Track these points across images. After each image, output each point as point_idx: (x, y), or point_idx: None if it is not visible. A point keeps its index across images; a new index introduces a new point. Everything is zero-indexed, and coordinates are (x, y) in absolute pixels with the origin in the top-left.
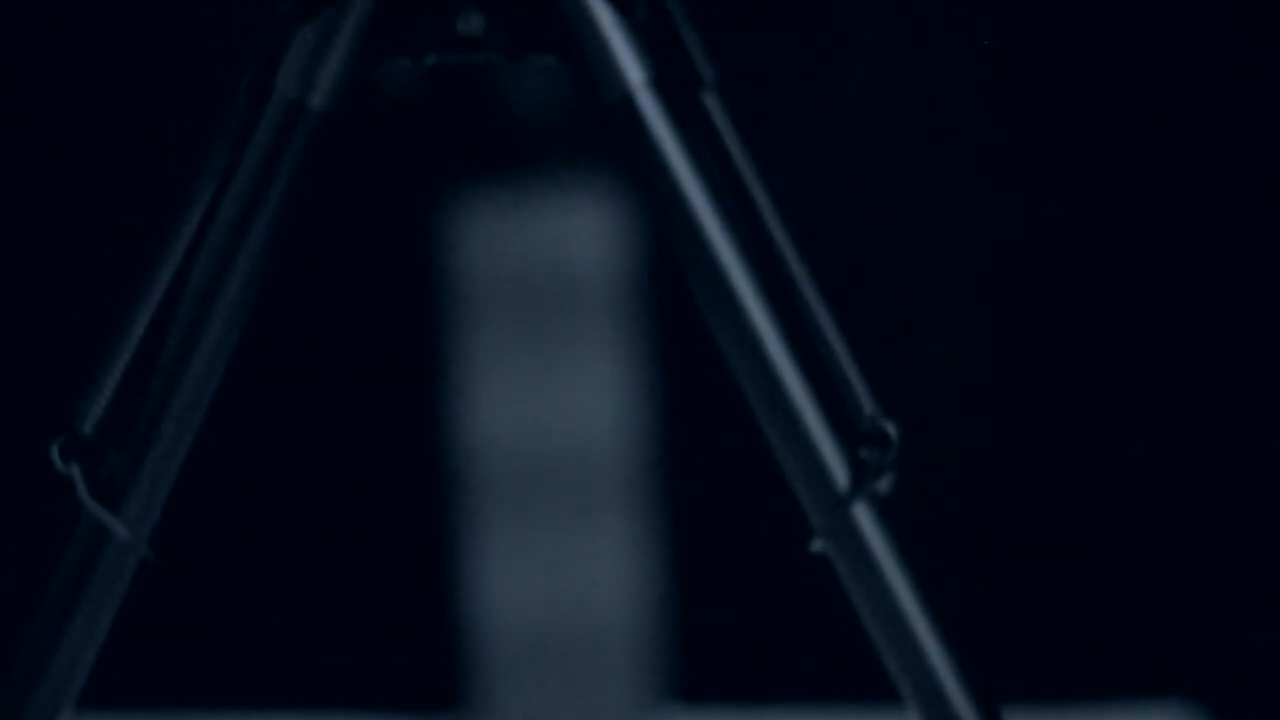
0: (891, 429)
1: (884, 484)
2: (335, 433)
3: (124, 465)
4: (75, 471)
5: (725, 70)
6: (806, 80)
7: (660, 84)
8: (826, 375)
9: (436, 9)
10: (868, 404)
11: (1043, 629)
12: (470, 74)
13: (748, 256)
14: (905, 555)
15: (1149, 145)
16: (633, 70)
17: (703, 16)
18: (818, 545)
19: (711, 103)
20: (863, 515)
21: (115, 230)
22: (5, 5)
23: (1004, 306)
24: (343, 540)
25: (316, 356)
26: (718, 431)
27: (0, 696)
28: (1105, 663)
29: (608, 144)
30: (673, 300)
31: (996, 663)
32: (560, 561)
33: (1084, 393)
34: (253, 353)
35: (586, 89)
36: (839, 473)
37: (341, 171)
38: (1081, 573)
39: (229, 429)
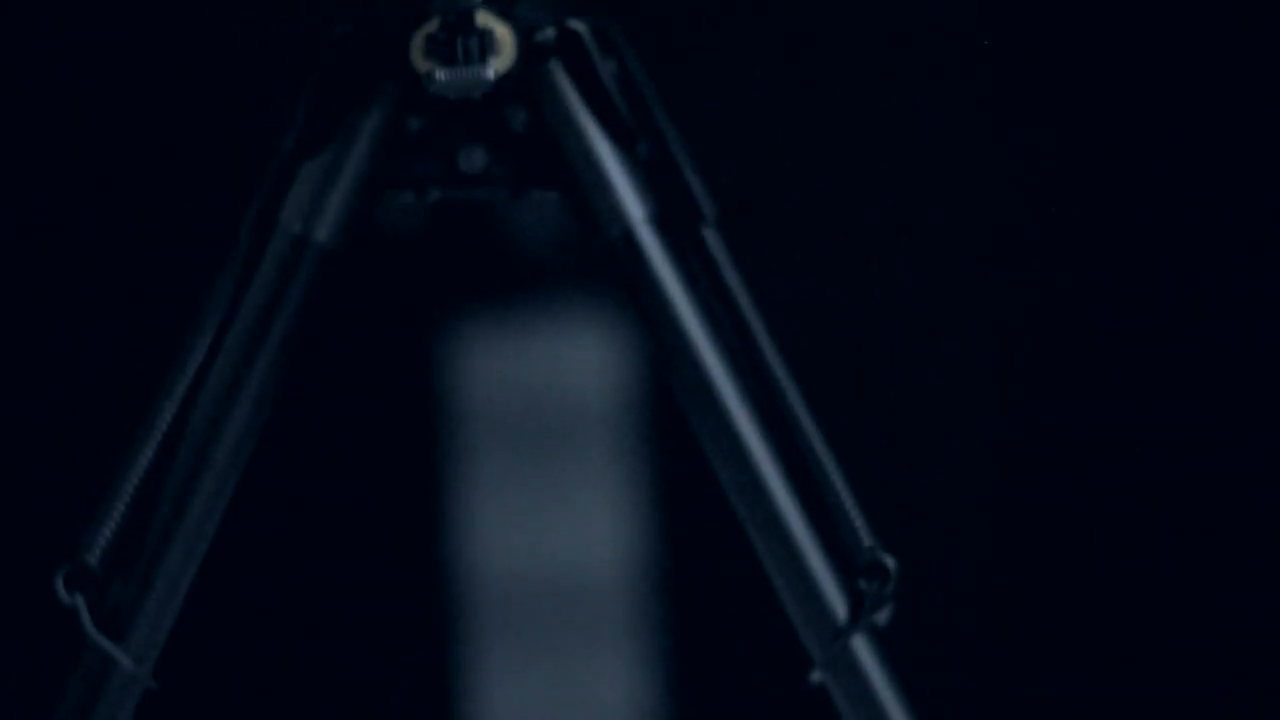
0: (890, 562)
1: (882, 616)
2: (337, 559)
3: (128, 597)
4: (80, 603)
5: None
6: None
7: (660, 220)
8: (825, 507)
9: (439, 145)
10: (866, 536)
11: None
12: (473, 205)
13: (745, 390)
14: (903, 687)
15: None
16: (633, 207)
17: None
18: (817, 677)
19: (711, 237)
20: (861, 647)
21: (122, 361)
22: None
23: (1006, 436)
24: (344, 671)
25: (318, 482)
26: (717, 561)
27: None
28: None
29: (609, 276)
30: (672, 430)
31: None
32: (560, 689)
33: (1085, 533)
34: (256, 479)
35: (588, 223)
36: (838, 605)
37: (343, 299)
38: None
39: (232, 554)
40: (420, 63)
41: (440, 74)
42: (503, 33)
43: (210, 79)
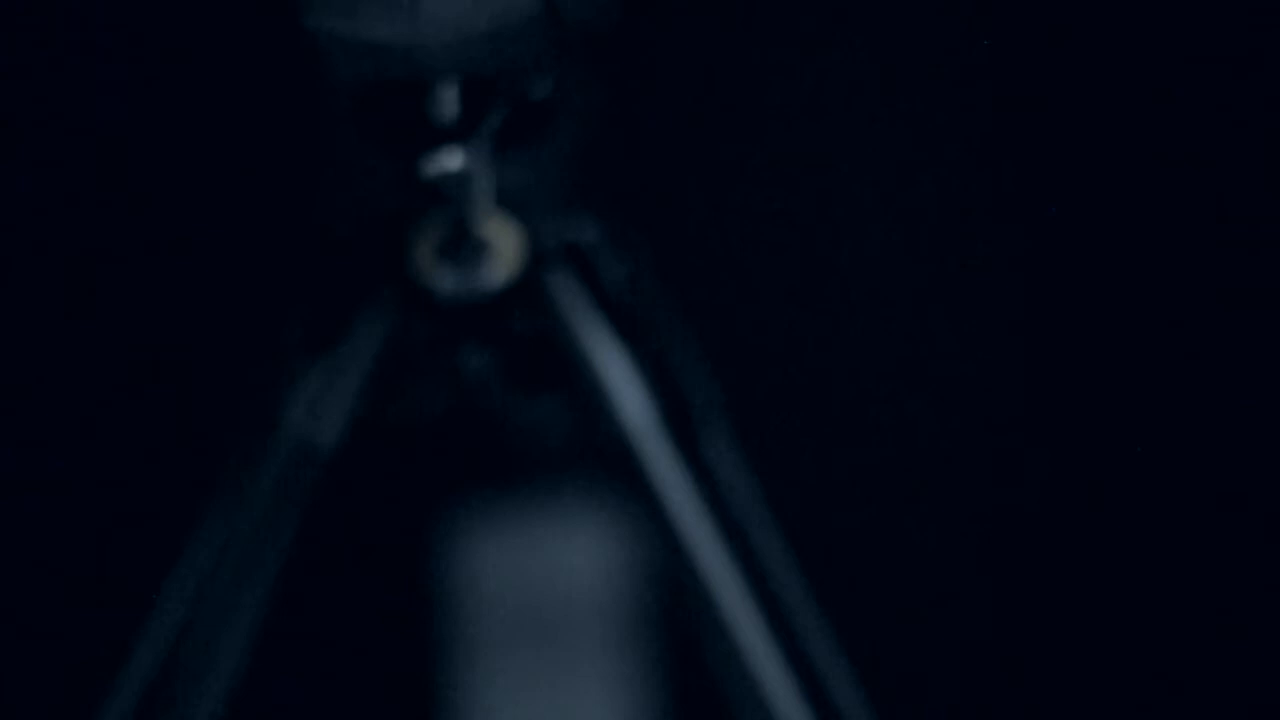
0: None
1: None
2: None
3: None
4: None
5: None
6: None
7: (666, 417)
8: (826, 707)
9: (441, 347)
10: None
11: None
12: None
13: (747, 589)
14: None
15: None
16: (637, 405)
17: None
18: None
19: (715, 434)
20: None
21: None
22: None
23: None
24: None
25: (315, 672)
26: None
27: None
28: None
29: (611, 471)
30: (673, 625)
31: None
32: None
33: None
34: (253, 672)
35: (591, 420)
36: None
37: (342, 488)
38: None
39: None
40: (423, 266)
41: (443, 279)
42: (509, 237)
43: (212, 279)
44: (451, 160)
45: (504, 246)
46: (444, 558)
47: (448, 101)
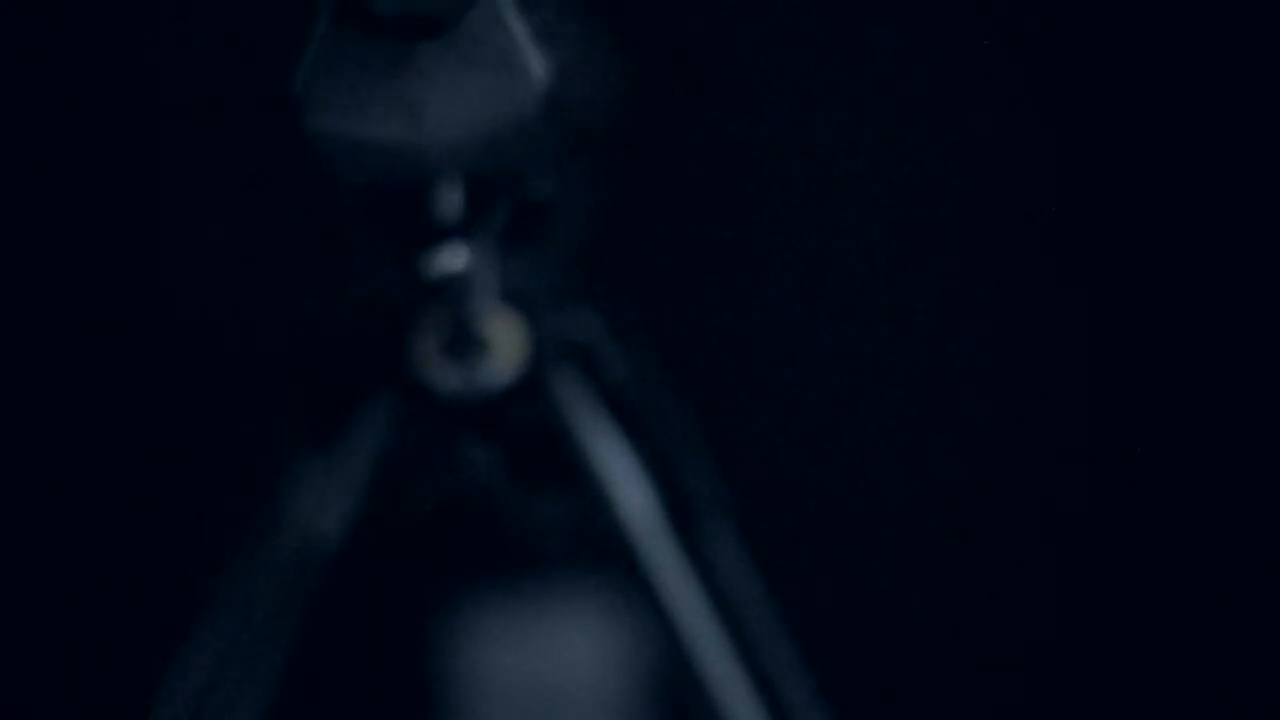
0: None
1: None
2: None
3: None
4: None
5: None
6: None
7: (669, 512)
8: None
9: (444, 445)
10: None
11: None
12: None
13: (749, 686)
14: None
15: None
16: (640, 501)
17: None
18: None
19: (718, 530)
20: None
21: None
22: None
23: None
24: None
25: None
26: None
27: None
28: None
29: (613, 567)
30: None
31: None
32: None
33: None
34: None
35: (594, 515)
36: None
37: (345, 586)
38: None
39: None
40: (425, 363)
41: (445, 376)
42: (511, 334)
43: (213, 372)
44: (454, 258)
45: (506, 343)
46: (446, 652)
47: (450, 200)
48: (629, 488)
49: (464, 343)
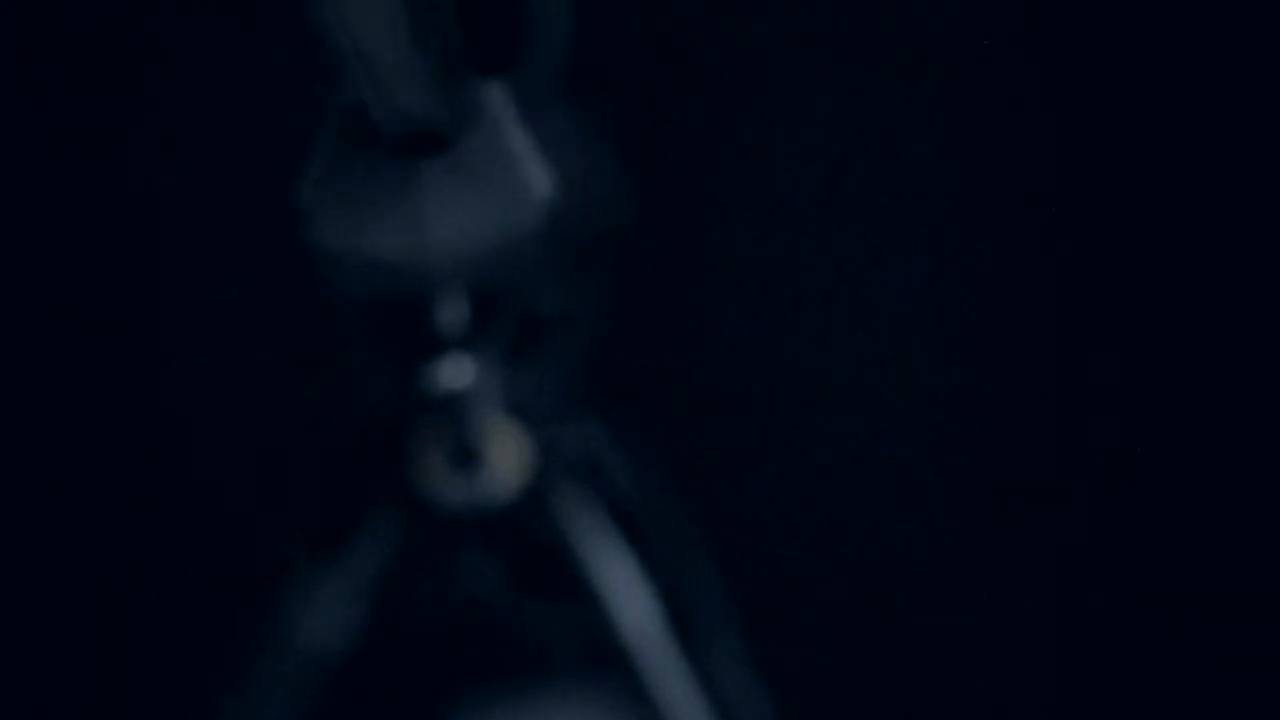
0: None
1: None
2: None
3: None
4: None
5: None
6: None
7: (672, 623)
8: None
9: (447, 557)
10: None
11: None
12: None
13: None
14: None
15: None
16: (643, 612)
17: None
18: None
19: (722, 641)
20: None
21: None
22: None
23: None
24: None
25: None
26: None
27: None
28: None
29: (617, 678)
30: None
31: None
32: None
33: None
34: None
35: (598, 626)
36: None
37: (347, 696)
38: None
39: None
40: (428, 476)
41: (448, 489)
42: (514, 446)
43: (217, 485)
44: (456, 370)
45: (509, 456)
46: None
47: (453, 313)
48: (631, 598)
49: (466, 455)
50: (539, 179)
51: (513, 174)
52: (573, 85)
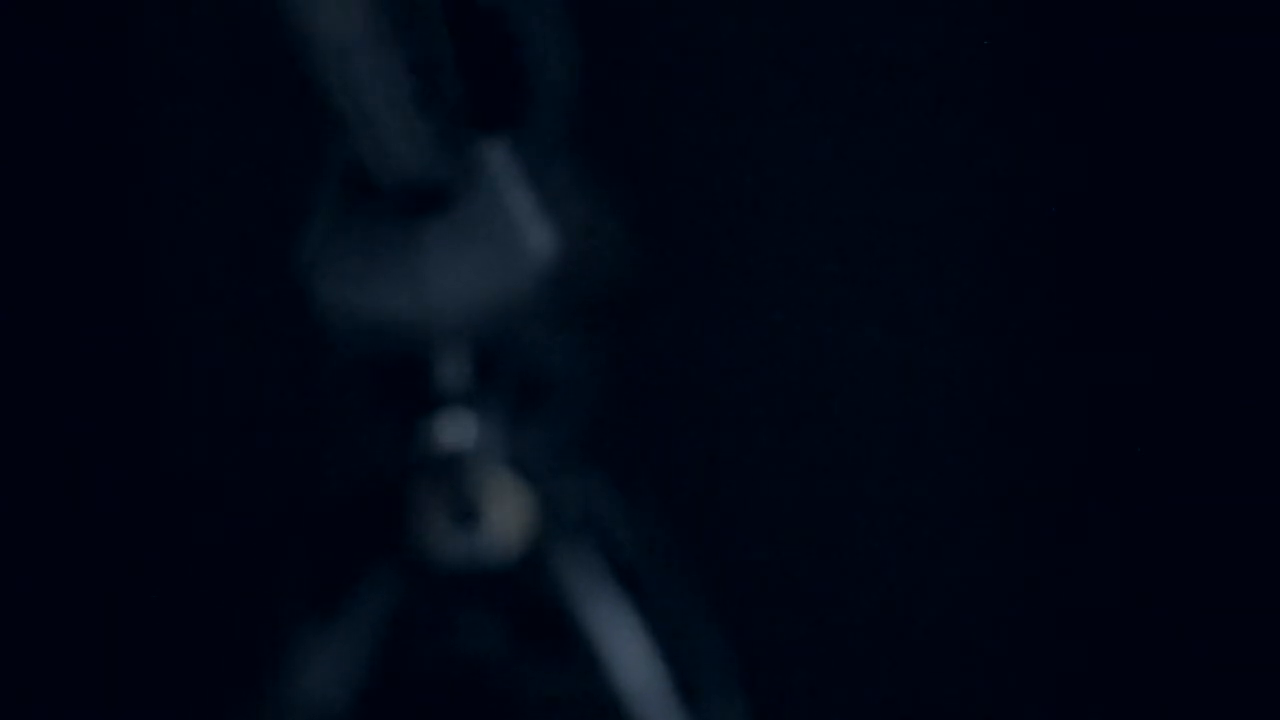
0: None
1: None
2: None
3: None
4: None
5: None
6: None
7: (675, 684)
8: None
9: (447, 616)
10: None
11: None
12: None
13: None
14: None
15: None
16: (646, 672)
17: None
18: None
19: (726, 701)
20: None
21: None
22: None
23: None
24: None
25: None
26: None
27: None
28: None
29: None
30: None
31: None
32: None
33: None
34: None
35: (600, 687)
36: None
37: None
38: None
39: None
40: (429, 534)
41: (449, 548)
42: (516, 504)
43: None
44: (457, 428)
45: (510, 513)
46: None
47: (454, 369)
48: (633, 659)
49: (466, 513)
50: (540, 238)
51: (513, 233)
52: (576, 141)
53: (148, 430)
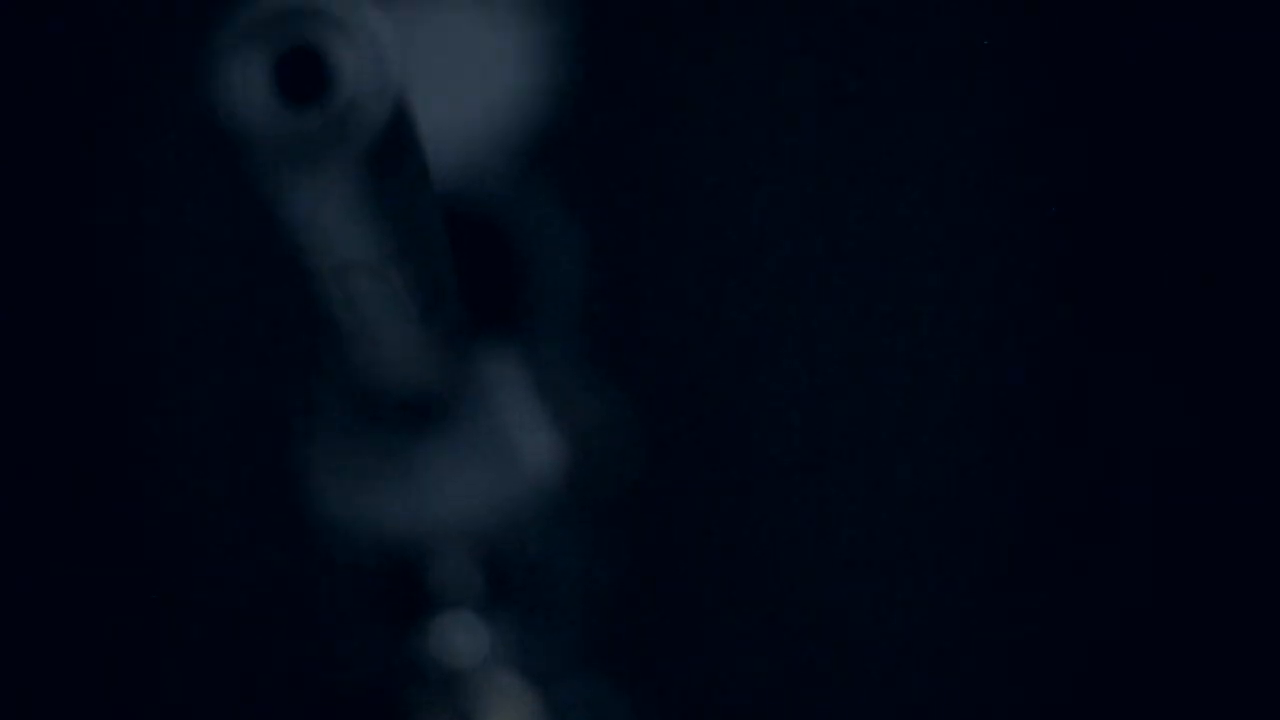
0: None
1: None
2: None
3: None
4: None
5: None
6: None
7: None
8: None
9: None
10: None
11: None
12: None
13: None
14: None
15: None
16: None
17: None
18: None
19: None
20: None
21: None
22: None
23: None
24: None
25: None
26: None
27: None
28: None
29: None
30: None
31: None
32: None
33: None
34: None
35: None
36: None
37: None
38: None
39: None
40: None
41: None
42: (515, 708)
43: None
44: (456, 634)
45: (511, 718)
46: None
47: (454, 577)
48: None
49: None
50: (539, 451)
51: (511, 448)
52: (585, 341)
53: (147, 633)
